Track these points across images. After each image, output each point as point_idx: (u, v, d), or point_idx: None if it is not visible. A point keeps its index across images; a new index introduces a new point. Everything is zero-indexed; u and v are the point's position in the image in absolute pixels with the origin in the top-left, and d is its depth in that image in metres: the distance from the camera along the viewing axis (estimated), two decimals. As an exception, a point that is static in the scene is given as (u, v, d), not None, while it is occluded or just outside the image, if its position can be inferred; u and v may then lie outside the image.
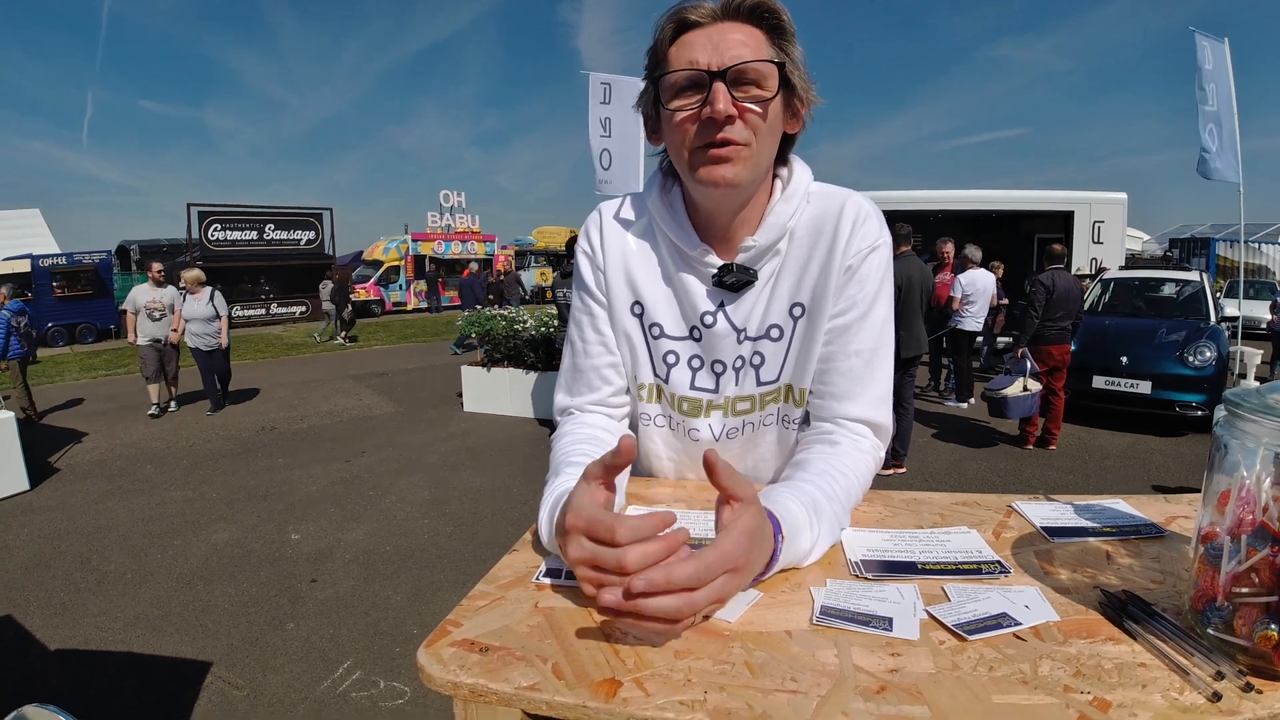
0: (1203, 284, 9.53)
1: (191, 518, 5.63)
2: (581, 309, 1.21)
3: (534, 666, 0.65)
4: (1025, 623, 0.72)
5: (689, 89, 1.00)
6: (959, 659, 0.66)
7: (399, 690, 3.28)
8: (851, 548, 0.92)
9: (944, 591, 0.79)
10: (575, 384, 1.20)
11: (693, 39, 1.00)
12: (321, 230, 24.44)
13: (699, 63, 0.98)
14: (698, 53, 0.99)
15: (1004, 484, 6.32)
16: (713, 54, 0.98)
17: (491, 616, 0.75)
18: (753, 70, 0.98)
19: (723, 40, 0.98)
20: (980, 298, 9.12)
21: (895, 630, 0.71)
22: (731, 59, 0.97)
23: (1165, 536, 0.93)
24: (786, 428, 1.18)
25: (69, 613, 4.09)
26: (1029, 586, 0.80)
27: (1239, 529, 0.65)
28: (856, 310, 1.10)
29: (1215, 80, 9.69)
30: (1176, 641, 0.67)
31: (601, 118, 9.41)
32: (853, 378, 1.10)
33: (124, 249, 25.88)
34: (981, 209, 13.78)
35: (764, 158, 1.04)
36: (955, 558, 0.88)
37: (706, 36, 0.99)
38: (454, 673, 0.65)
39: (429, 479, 6.56)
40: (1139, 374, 7.97)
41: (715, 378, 1.17)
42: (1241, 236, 11.74)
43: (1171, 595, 0.77)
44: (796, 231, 1.12)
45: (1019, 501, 1.06)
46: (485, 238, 29.80)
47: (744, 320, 1.13)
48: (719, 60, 0.97)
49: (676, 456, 1.24)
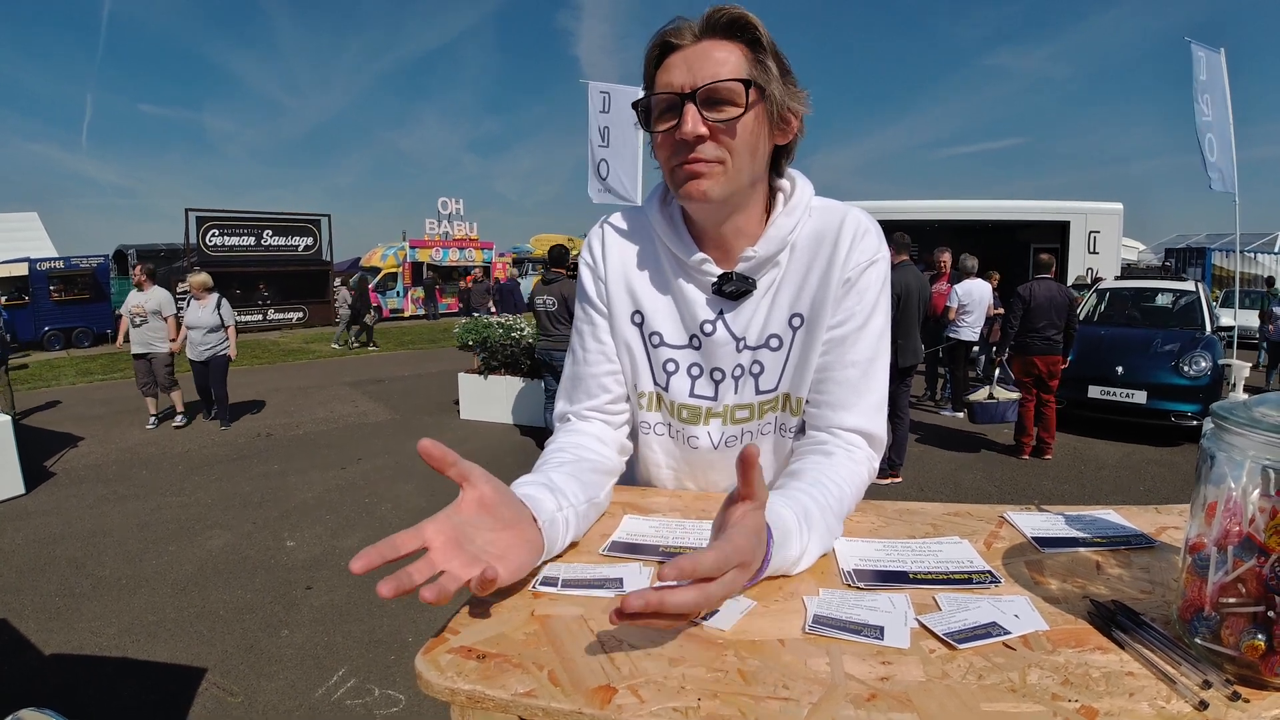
0: (1198, 294, 9.56)
1: (186, 523, 5.63)
2: (583, 319, 1.23)
3: (530, 673, 0.66)
4: (1015, 632, 0.72)
5: (668, 110, 1.04)
6: (949, 667, 0.67)
7: (394, 698, 3.28)
8: (844, 557, 0.92)
9: (935, 601, 0.80)
10: (575, 391, 1.22)
11: (672, 61, 1.04)
12: (319, 236, 24.44)
13: (674, 85, 1.02)
14: (674, 75, 1.02)
15: (999, 494, 6.33)
16: (687, 75, 1.01)
17: (488, 624, 0.76)
18: (723, 89, 1.00)
19: (699, 60, 1.01)
20: (976, 307, 9.15)
21: (886, 639, 0.72)
22: (703, 79, 1.00)
23: (1155, 547, 0.94)
24: (782, 436, 1.20)
25: (64, 617, 4.08)
26: (1019, 596, 0.80)
27: (1226, 540, 0.66)
28: (854, 321, 1.12)
29: (1211, 90, 9.74)
30: (1164, 651, 0.67)
31: (600, 126, 9.45)
32: (848, 387, 1.12)
33: (121, 253, 25.85)
34: (978, 219, 13.84)
35: (742, 173, 1.06)
36: (946, 567, 0.89)
37: (684, 58, 1.03)
38: (451, 679, 0.66)
39: (425, 486, 6.57)
40: (1134, 384, 8.00)
41: (714, 385, 1.18)
42: (1237, 246, 11.80)
43: (1160, 605, 0.78)
44: (797, 244, 1.14)
45: (1011, 512, 1.07)
46: (484, 245, 29.81)
47: (743, 329, 1.15)
48: (691, 81, 1.00)
49: (675, 465, 1.25)
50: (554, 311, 7.21)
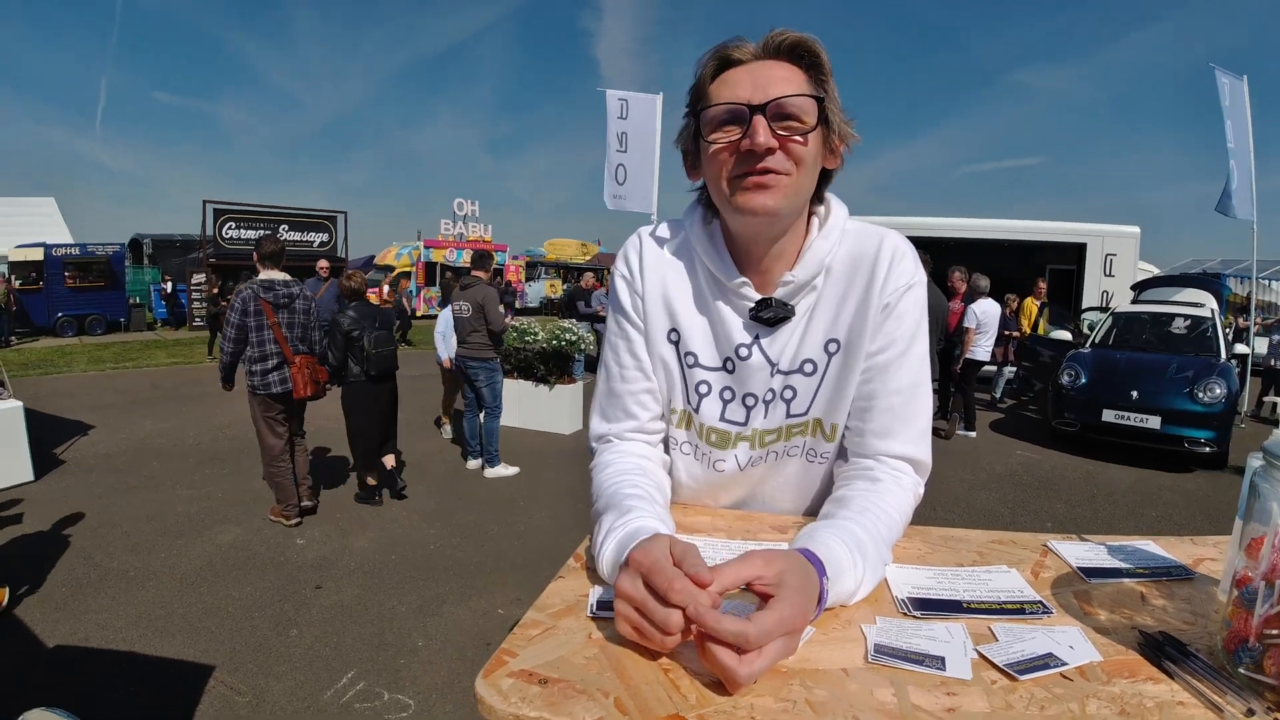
0: (1214, 320, 9.52)
1: (196, 517, 5.63)
2: (618, 333, 1.21)
3: (596, 700, 0.65)
4: (1071, 663, 0.74)
5: (729, 122, 1.02)
6: (1011, 698, 0.68)
7: (403, 703, 3.26)
8: (896, 585, 0.92)
9: (990, 631, 0.81)
10: (612, 409, 1.20)
11: (734, 76, 1.03)
12: (335, 233, 24.51)
13: (740, 97, 1.01)
14: (739, 88, 1.02)
15: (1012, 515, 6.29)
16: (754, 90, 1.00)
17: (547, 647, 0.74)
18: (793, 104, 1.00)
19: (763, 76, 1.01)
20: (990, 327, 9.14)
21: (948, 669, 0.72)
22: (772, 94, 1.00)
23: (1194, 579, 0.96)
24: (810, 461, 1.19)
25: (69, 608, 4.09)
26: (1071, 627, 0.82)
27: (1273, 574, 0.68)
28: (896, 348, 1.11)
29: (1233, 117, 9.72)
30: (1210, 680, 0.69)
31: (618, 132, 9.47)
32: (894, 415, 1.11)
33: (136, 242, 26.00)
34: (993, 238, 13.80)
35: (803, 190, 1.05)
36: (999, 597, 0.90)
37: (748, 73, 1.03)
38: (515, 705, 0.65)
39: (435, 488, 6.56)
40: (1149, 409, 7.96)
41: (746, 410, 1.17)
42: (1254, 273, 11.75)
43: (1203, 635, 0.80)
44: (833, 267, 1.13)
45: (1054, 541, 1.08)
46: (497, 247, 29.89)
47: (778, 354, 1.14)
48: (760, 95, 1.00)
49: (696, 485, 1.24)
50: (468, 318, 6.66)
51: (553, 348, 8.67)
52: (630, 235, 1.23)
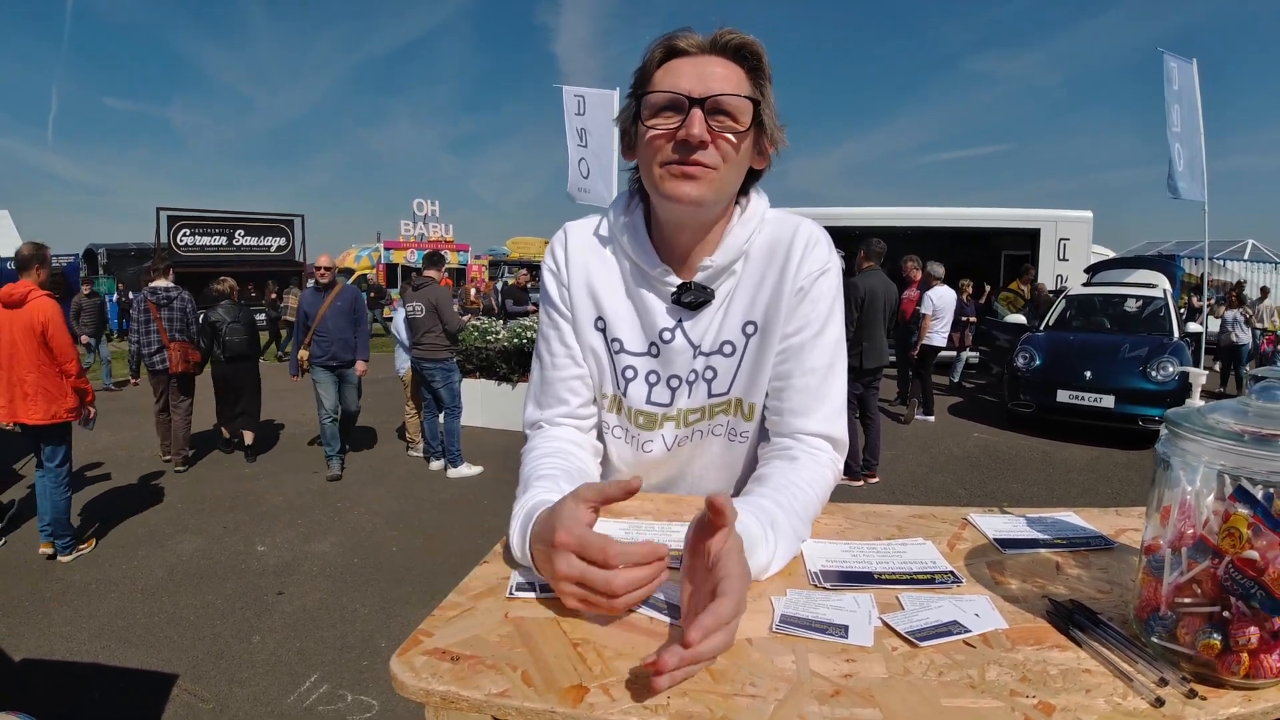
0: (1166, 300, 9.71)
1: (156, 527, 5.55)
2: (549, 324, 1.24)
3: (504, 674, 0.67)
4: (975, 630, 0.75)
5: (668, 109, 1.05)
6: (910, 664, 0.69)
7: (366, 704, 3.26)
8: (811, 559, 0.94)
9: (898, 600, 0.82)
10: (544, 396, 1.23)
11: (679, 65, 1.06)
12: (293, 237, 24.14)
13: (682, 88, 1.04)
14: (682, 79, 1.05)
15: (969, 496, 6.41)
16: (695, 82, 1.04)
17: (462, 626, 0.76)
18: (730, 103, 1.04)
19: (707, 71, 1.05)
20: (946, 313, 9.28)
21: (851, 637, 0.73)
22: (713, 89, 1.03)
23: (1114, 548, 0.97)
24: (732, 440, 1.23)
25: (34, 621, 4.03)
26: (980, 595, 0.83)
27: (1180, 542, 0.68)
28: (810, 329, 1.15)
29: (1182, 100, 9.89)
30: (1121, 649, 0.70)
31: (578, 128, 9.46)
32: (809, 394, 1.15)
33: (91, 252, 25.42)
34: (950, 226, 13.99)
35: (728, 185, 1.09)
36: (910, 568, 0.91)
37: (692, 65, 1.06)
38: (426, 680, 0.66)
39: (397, 491, 6.53)
40: (1102, 388, 8.12)
41: (671, 392, 1.21)
42: (1206, 254, 11.99)
43: (1118, 605, 0.80)
44: (751, 254, 1.17)
45: (974, 514, 1.10)
46: (459, 247, 29.65)
47: (700, 336, 1.18)
48: (701, 89, 1.03)
49: (627, 468, 1.28)
50: (421, 319, 6.61)
51: (514, 346, 8.64)
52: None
